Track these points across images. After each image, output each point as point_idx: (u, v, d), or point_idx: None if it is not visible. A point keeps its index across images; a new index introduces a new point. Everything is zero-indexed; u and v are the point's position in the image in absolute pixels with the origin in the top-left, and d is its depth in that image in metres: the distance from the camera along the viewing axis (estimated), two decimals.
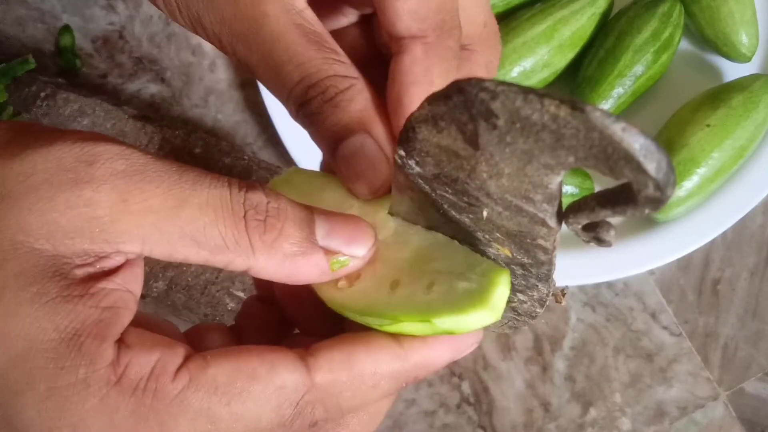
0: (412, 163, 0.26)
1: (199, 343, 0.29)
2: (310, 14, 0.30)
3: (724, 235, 0.63)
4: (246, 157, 0.63)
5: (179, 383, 0.23)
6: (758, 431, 0.64)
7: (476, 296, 0.25)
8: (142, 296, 0.60)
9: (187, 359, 0.24)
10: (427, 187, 0.27)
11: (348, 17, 0.36)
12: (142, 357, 0.24)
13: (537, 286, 0.28)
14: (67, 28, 0.68)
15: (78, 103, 0.63)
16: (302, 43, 0.29)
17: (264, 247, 0.25)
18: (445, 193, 0.26)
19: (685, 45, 0.66)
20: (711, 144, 0.59)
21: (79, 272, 0.24)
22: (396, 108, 0.30)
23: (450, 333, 0.26)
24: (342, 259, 0.27)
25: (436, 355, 0.27)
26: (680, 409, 0.64)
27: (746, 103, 0.60)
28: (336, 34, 0.32)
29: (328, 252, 0.27)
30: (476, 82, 0.22)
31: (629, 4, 0.64)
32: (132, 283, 0.25)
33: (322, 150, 0.30)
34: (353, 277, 0.28)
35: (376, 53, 0.36)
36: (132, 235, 0.24)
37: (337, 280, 0.28)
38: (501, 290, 0.26)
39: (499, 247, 0.27)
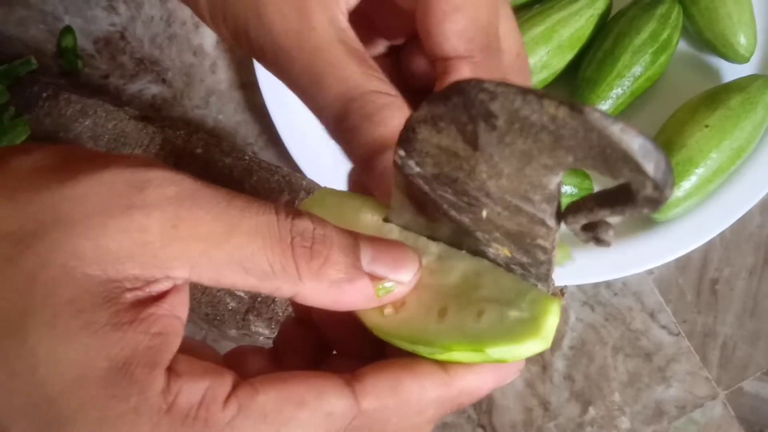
0: (411, 163, 0.26)
1: (240, 366, 0.29)
2: (352, 33, 0.30)
3: (722, 234, 0.63)
4: (246, 158, 0.63)
5: (229, 412, 0.24)
6: (757, 430, 0.64)
7: (529, 326, 0.25)
8: None
9: (235, 387, 0.24)
10: (426, 187, 0.27)
11: (378, 48, 0.37)
12: (193, 385, 0.24)
13: (536, 285, 0.28)
14: (68, 29, 0.68)
15: (80, 103, 0.63)
16: (345, 58, 0.29)
17: (311, 274, 0.25)
18: (444, 193, 0.26)
19: (683, 46, 0.66)
20: (709, 144, 0.59)
21: (129, 296, 0.24)
22: None
23: (501, 361, 0.26)
24: (388, 285, 0.27)
25: (481, 384, 0.27)
26: (679, 409, 0.64)
27: (744, 103, 0.60)
28: None
29: (374, 278, 0.27)
30: (476, 83, 0.22)
31: (628, 6, 0.64)
32: (179, 308, 0.25)
33: (357, 165, 0.30)
34: (398, 304, 0.28)
35: (400, 85, 0.36)
36: (181, 261, 0.24)
37: (382, 308, 0.28)
38: (553, 319, 0.26)
39: (498, 246, 0.27)
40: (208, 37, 0.69)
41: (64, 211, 0.23)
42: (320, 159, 0.63)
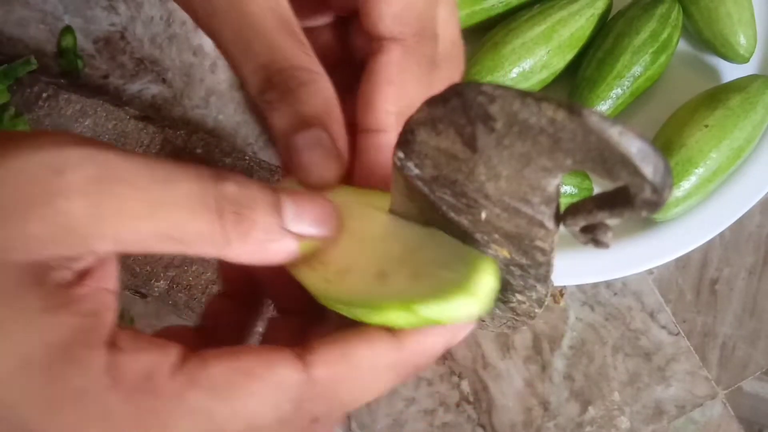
0: (410, 165, 0.26)
1: None
2: (286, 5, 0.30)
3: (722, 234, 0.63)
4: (247, 158, 0.64)
5: (177, 383, 0.24)
6: (756, 430, 0.64)
7: (459, 284, 0.25)
8: (144, 296, 0.61)
9: (184, 359, 0.24)
10: (426, 188, 0.27)
11: (324, 18, 0.37)
12: (137, 358, 0.24)
13: (535, 287, 0.28)
14: (68, 29, 0.68)
15: (80, 103, 0.63)
16: (275, 28, 0.30)
17: (239, 237, 0.26)
18: (444, 195, 0.26)
19: (683, 46, 0.66)
20: (709, 144, 0.59)
21: (57, 277, 0.24)
22: (366, 104, 0.31)
23: (435, 322, 0.26)
24: (310, 241, 0.28)
25: (430, 341, 0.27)
26: (678, 408, 0.65)
27: (744, 103, 0.60)
28: (309, 32, 0.32)
29: (297, 236, 0.27)
30: (475, 86, 0.22)
31: (628, 6, 0.64)
32: (108, 280, 0.25)
33: (276, 136, 0.30)
34: (342, 271, 0.28)
35: (345, 57, 0.36)
36: (107, 239, 0.24)
37: (324, 274, 0.28)
38: (484, 277, 0.25)
39: (497, 248, 0.27)
40: (207, 38, 0.69)
41: None
42: None
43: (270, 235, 0.26)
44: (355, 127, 0.32)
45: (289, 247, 0.27)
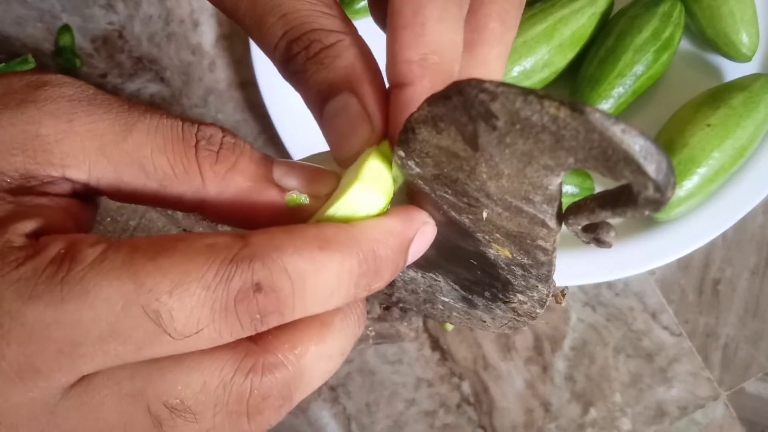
0: (411, 163, 0.26)
1: None
2: None
3: (724, 234, 0.63)
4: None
5: (98, 248, 0.22)
6: (758, 431, 0.64)
7: (352, 177, 0.25)
8: None
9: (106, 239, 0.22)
10: (426, 187, 0.27)
11: None
12: (59, 236, 0.22)
13: (537, 286, 0.28)
14: (66, 28, 0.68)
15: None
16: None
17: (216, 178, 0.24)
18: (445, 194, 0.26)
19: (685, 44, 0.66)
20: (711, 144, 0.59)
21: (14, 184, 0.23)
22: (388, 55, 0.27)
23: (345, 219, 0.25)
24: (297, 195, 0.26)
25: (382, 224, 0.25)
26: (681, 409, 0.64)
27: (747, 102, 0.60)
28: None
29: (284, 190, 0.25)
30: (476, 83, 0.22)
31: (629, 4, 0.64)
32: (77, 213, 0.24)
33: (313, 113, 0.28)
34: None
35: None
36: (77, 159, 0.23)
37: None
38: (371, 163, 0.25)
39: (498, 247, 0.27)
40: (206, 36, 0.69)
41: None
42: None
43: (252, 181, 0.25)
44: None
45: (275, 200, 0.25)
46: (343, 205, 0.25)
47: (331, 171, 0.27)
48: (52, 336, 0.21)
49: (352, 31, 0.28)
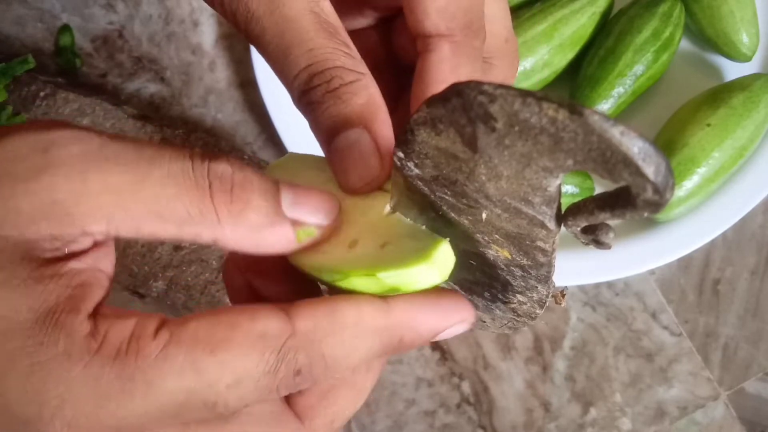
0: (410, 164, 0.26)
1: None
2: (327, 5, 0.30)
3: (724, 234, 0.63)
4: (246, 157, 0.63)
5: (161, 340, 0.23)
6: (758, 431, 0.64)
7: (420, 252, 0.26)
8: (142, 296, 0.60)
9: (164, 322, 0.24)
10: (426, 188, 0.27)
11: (367, 19, 0.36)
12: (120, 324, 0.24)
13: (536, 287, 0.28)
14: (66, 28, 0.68)
15: (77, 102, 0.63)
16: (314, 30, 0.29)
17: (231, 217, 0.25)
18: (444, 195, 0.26)
19: (685, 44, 0.66)
20: (711, 143, 0.59)
21: (47, 252, 0.24)
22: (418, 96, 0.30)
23: (397, 290, 0.26)
24: (308, 228, 0.27)
25: (419, 316, 0.27)
26: (681, 409, 0.64)
27: (747, 102, 0.60)
28: (353, 34, 0.32)
29: (295, 223, 0.27)
30: (475, 85, 0.22)
31: (629, 4, 0.64)
32: (103, 262, 0.25)
33: (318, 140, 0.30)
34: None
35: (390, 58, 0.36)
36: (96, 216, 0.24)
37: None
38: (444, 247, 0.26)
39: (498, 248, 0.27)
40: (206, 36, 0.69)
41: None
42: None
43: (265, 218, 0.26)
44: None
45: (287, 234, 0.27)
46: (401, 276, 0.26)
47: (331, 196, 0.28)
48: (122, 426, 0.23)
49: (368, 73, 0.30)
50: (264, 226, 0.26)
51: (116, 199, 0.24)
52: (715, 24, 0.63)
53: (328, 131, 0.29)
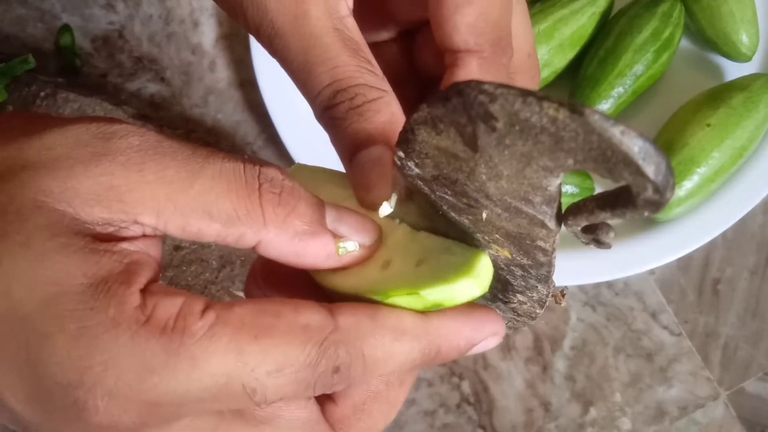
0: (411, 164, 0.26)
1: None
2: (351, 22, 0.30)
3: (724, 234, 0.63)
4: (246, 157, 0.63)
5: (207, 320, 0.24)
6: (758, 431, 0.64)
7: (461, 267, 0.26)
8: None
9: (210, 304, 0.25)
10: (426, 188, 0.27)
11: (388, 32, 0.36)
12: (169, 300, 0.24)
13: (536, 287, 0.28)
14: (66, 28, 0.68)
15: (78, 102, 0.63)
16: (338, 48, 0.30)
17: (277, 220, 0.26)
18: (444, 195, 0.26)
19: (685, 44, 0.66)
20: (711, 143, 0.59)
21: (102, 231, 0.24)
22: None
23: (439, 305, 0.26)
24: (348, 246, 0.27)
25: (458, 327, 0.27)
26: (680, 409, 0.64)
27: (747, 102, 0.60)
28: (374, 47, 0.32)
29: (336, 237, 0.27)
30: (475, 85, 0.22)
31: (629, 4, 0.64)
32: (152, 249, 0.26)
33: (340, 155, 0.30)
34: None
35: (411, 71, 0.36)
36: (147, 206, 0.24)
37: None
38: (485, 260, 0.26)
39: (498, 248, 0.27)
40: (206, 36, 0.69)
41: (31, 158, 0.24)
42: (320, 158, 0.62)
43: (310, 226, 0.26)
44: None
45: (328, 246, 0.27)
46: (444, 292, 0.26)
47: (373, 221, 0.28)
48: (161, 402, 0.23)
49: (390, 90, 0.30)
50: (307, 234, 0.26)
51: (168, 191, 0.24)
52: (715, 24, 0.63)
53: (350, 147, 0.30)
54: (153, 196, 0.24)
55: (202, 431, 0.25)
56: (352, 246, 0.27)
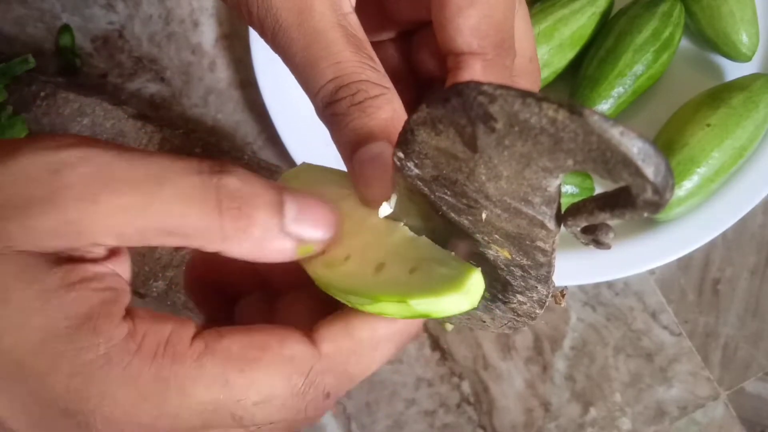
0: (410, 164, 0.26)
1: None
2: (354, 19, 0.30)
3: (724, 234, 0.63)
4: (246, 157, 0.63)
5: (196, 349, 0.25)
6: (758, 431, 0.64)
7: (453, 281, 0.26)
8: (142, 296, 0.60)
9: (200, 331, 0.26)
10: (425, 188, 0.27)
11: (387, 32, 0.37)
12: (158, 327, 0.25)
13: (536, 287, 0.28)
14: (66, 28, 0.68)
15: (77, 102, 0.63)
16: (341, 44, 0.30)
17: (236, 233, 0.26)
18: (444, 195, 0.26)
19: (685, 44, 0.66)
20: (711, 143, 0.59)
21: (70, 259, 0.25)
22: None
23: (426, 316, 0.26)
24: (307, 246, 0.28)
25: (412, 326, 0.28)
26: (680, 409, 0.64)
27: (746, 102, 0.60)
28: (373, 47, 0.32)
29: (295, 238, 0.27)
30: (475, 86, 0.22)
31: (629, 4, 0.64)
32: (120, 267, 0.26)
33: (340, 151, 0.31)
34: (341, 258, 0.28)
35: (409, 71, 0.36)
36: (107, 234, 0.25)
37: (326, 260, 0.28)
38: (476, 277, 0.26)
39: (498, 248, 0.27)
40: (206, 36, 0.69)
41: None
42: (320, 158, 0.62)
43: (268, 233, 0.27)
44: None
45: (286, 247, 0.27)
46: (432, 304, 0.26)
47: (331, 210, 0.28)
48: (157, 426, 0.25)
49: (392, 87, 0.30)
50: (266, 240, 0.27)
51: (125, 218, 0.25)
52: (715, 24, 0.63)
53: (351, 143, 0.30)
54: (111, 224, 0.25)
55: None
56: (312, 247, 0.28)
